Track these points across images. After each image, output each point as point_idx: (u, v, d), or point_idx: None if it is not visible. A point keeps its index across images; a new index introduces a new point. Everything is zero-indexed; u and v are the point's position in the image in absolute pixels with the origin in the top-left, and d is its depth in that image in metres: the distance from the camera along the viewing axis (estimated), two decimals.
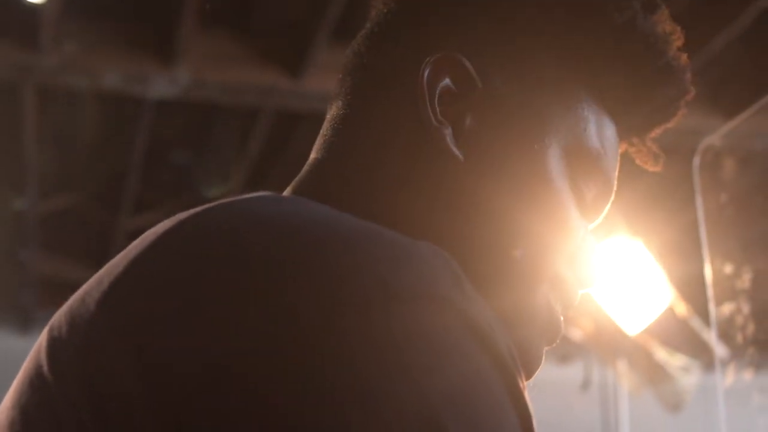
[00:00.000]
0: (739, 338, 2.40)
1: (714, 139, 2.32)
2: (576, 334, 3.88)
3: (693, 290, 3.72)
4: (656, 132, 0.96)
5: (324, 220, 0.70)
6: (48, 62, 3.61)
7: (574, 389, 4.40)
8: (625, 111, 0.92)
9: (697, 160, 2.26)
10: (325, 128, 0.89)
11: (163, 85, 3.73)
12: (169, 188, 4.78)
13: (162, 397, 0.62)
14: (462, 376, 0.64)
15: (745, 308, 2.36)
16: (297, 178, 0.88)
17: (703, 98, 4.00)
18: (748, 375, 2.85)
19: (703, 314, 3.73)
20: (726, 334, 2.44)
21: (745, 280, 2.38)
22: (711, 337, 3.62)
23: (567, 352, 7.25)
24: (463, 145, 0.84)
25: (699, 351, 3.83)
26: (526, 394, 0.68)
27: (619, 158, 0.93)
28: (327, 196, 0.81)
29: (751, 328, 2.36)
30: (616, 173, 0.92)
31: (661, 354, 3.84)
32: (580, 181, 0.87)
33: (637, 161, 0.97)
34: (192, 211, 0.73)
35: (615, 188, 0.92)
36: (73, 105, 4.13)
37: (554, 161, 0.85)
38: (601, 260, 0.89)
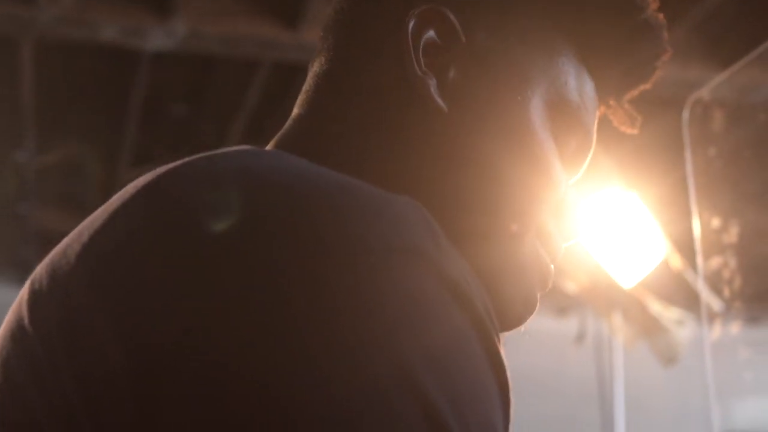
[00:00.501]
0: (726, 292, 2.41)
1: (703, 92, 2.32)
2: (571, 287, 3.90)
3: (687, 244, 3.75)
4: (633, 93, 0.97)
5: (302, 174, 0.69)
6: (46, 15, 3.60)
7: (568, 342, 4.43)
8: (604, 66, 0.93)
9: (686, 114, 2.27)
10: (308, 83, 0.90)
11: (161, 37, 3.73)
12: (167, 140, 4.78)
13: (140, 357, 0.62)
14: (436, 330, 0.64)
15: (732, 262, 2.37)
16: (280, 133, 0.88)
17: (702, 51, 4.00)
18: (735, 328, 2.86)
19: (719, 270, 3.76)
20: (715, 287, 2.46)
21: (733, 234, 2.39)
22: (701, 290, 3.65)
23: (562, 304, 7.28)
24: (447, 97, 0.84)
25: (693, 304, 3.85)
26: (502, 349, 0.68)
27: (597, 116, 0.94)
28: (309, 151, 0.81)
29: (738, 282, 2.37)
30: (595, 129, 0.93)
31: (656, 307, 3.86)
32: (560, 134, 0.88)
33: (615, 124, 0.99)
34: (171, 165, 0.73)
35: (594, 143, 0.93)
36: (71, 58, 4.13)
37: (536, 113, 0.86)
38: (583, 213, 0.91)
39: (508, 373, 0.69)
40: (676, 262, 3.78)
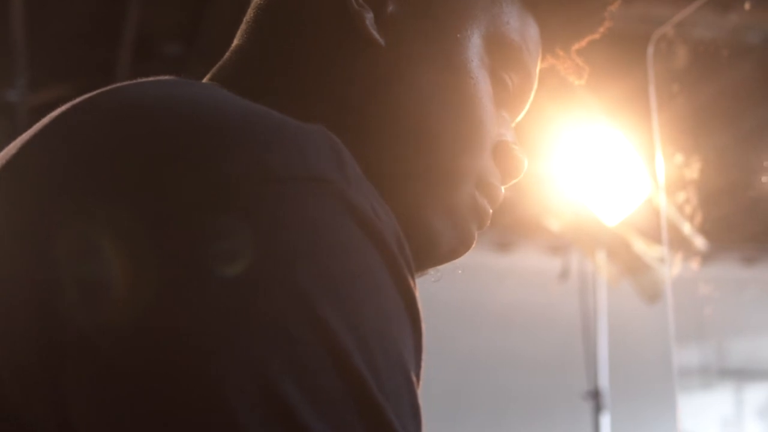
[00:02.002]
0: (687, 228, 2.44)
1: (667, 28, 2.33)
2: (555, 225, 3.93)
3: (670, 182, 3.77)
4: (581, 43, 0.98)
5: (210, 104, 0.69)
6: None
7: (553, 279, 4.47)
8: (550, 13, 0.94)
9: (650, 50, 2.27)
10: (248, 14, 0.90)
11: None
12: None
13: (52, 303, 0.62)
14: (340, 261, 0.64)
15: (694, 198, 2.39)
16: (218, 64, 0.89)
17: None
18: (694, 265, 2.89)
19: (681, 206, 3.79)
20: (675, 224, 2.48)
21: (694, 170, 2.41)
22: (687, 229, 3.69)
23: (547, 242, 7.31)
24: (385, 32, 0.85)
25: (677, 242, 3.89)
26: (410, 277, 0.68)
27: (539, 60, 0.95)
28: (241, 82, 0.83)
29: (698, 218, 2.40)
30: (537, 71, 0.94)
31: (640, 245, 3.89)
32: (501, 72, 0.89)
33: (562, 74, 1.00)
34: (86, 95, 0.74)
35: (535, 85, 0.94)
36: None
37: (474, 50, 0.87)
38: (520, 156, 0.92)
39: (420, 306, 0.68)
40: (660, 200, 3.81)
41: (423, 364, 0.70)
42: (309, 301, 0.61)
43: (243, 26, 0.90)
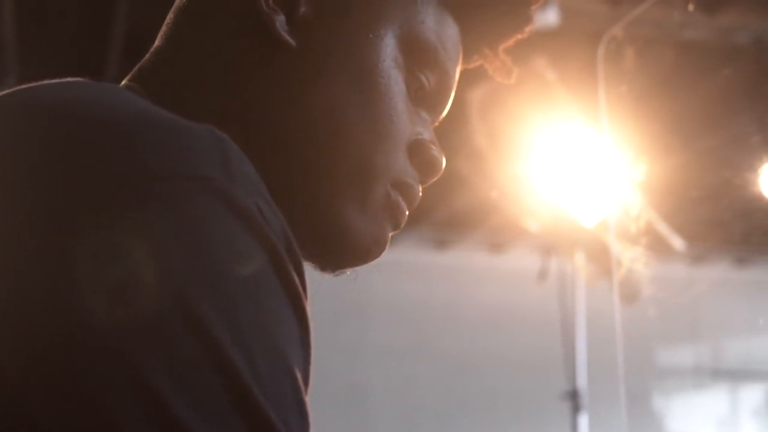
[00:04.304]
0: (633, 229, 2.45)
1: (617, 29, 2.34)
2: (533, 225, 3.94)
3: (649, 183, 3.79)
4: (508, 43, 0.98)
5: (109, 107, 0.70)
6: None
7: (531, 279, 4.48)
8: (471, 13, 0.94)
9: (601, 50, 2.28)
10: (168, 16, 0.90)
11: None
12: None
13: None
14: (216, 253, 0.64)
15: (640, 199, 2.40)
16: (137, 66, 0.89)
17: None
18: (681, 266, 2.91)
19: (659, 207, 3.80)
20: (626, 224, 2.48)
21: (640, 172, 2.41)
22: (665, 230, 3.71)
23: (526, 244, 7.31)
24: (296, 33, 0.85)
25: (655, 243, 3.90)
26: (297, 276, 0.68)
27: (459, 59, 0.95)
28: (154, 84, 0.84)
29: (686, 220, 2.41)
30: (456, 71, 0.94)
31: (618, 246, 3.90)
32: (417, 72, 0.90)
33: (490, 73, 1.00)
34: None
35: (454, 85, 0.95)
36: None
37: (388, 51, 0.87)
38: (437, 154, 0.92)
39: (307, 304, 0.69)
40: (638, 201, 3.82)
41: (311, 361, 0.70)
42: (185, 298, 0.61)
43: (163, 27, 0.91)
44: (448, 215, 8.10)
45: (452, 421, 9.03)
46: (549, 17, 4.04)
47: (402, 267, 8.90)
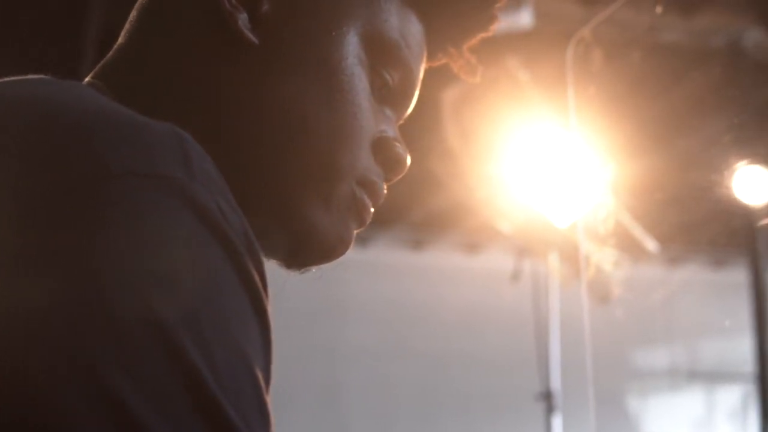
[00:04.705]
0: (606, 231, 2.46)
1: (585, 31, 2.34)
2: (507, 227, 3.95)
3: (622, 185, 3.80)
4: (472, 41, 0.98)
5: (70, 104, 0.70)
6: None
7: (506, 280, 4.49)
8: (435, 11, 0.94)
9: (570, 52, 2.29)
10: (132, 14, 0.90)
11: None
12: None
13: None
14: (175, 252, 0.63)
15: (613, 201, 2.42)
16: (100, 63, 0.89)
17: None
18: (656, 268, 2.93)
19: (632, 209, 3.82)
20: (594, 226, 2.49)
21: (614, 174, 2.43)
22: (638, 232, 3.72)
23: (501, 245, 7.32)
24: (259, 31, 0.85)
25: (628, 245, 3.92)
26: (257, 274, 0.68)
27: (423, 57, 0.95)
28: (115, 82, 0.84)
29: (617, 221, 2.43)
30: (420, 69, 0.95)
31: (592, 248, 3.91)
32: (381, 69, 0.90)
33: (455, 72, 1.00)
34: None
35: (418, 82, 0.95)
36: None
37: (351, 48, 0.87)
38: (401, 151, 0.93)
39: (268, 304, 0.68)
40: (611, 203, 3.84)
41: (272, 360, 0.69)
42: (142, 295, 0.61)
43: (126, 25, 0.90)
44: (424, 216, 8.11)
45: (427, 420, 9.03)
46: (523, 19, 4.05)
47: (378, 267, 8.90)
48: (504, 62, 3.65)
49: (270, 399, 0.67)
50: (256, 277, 0.68)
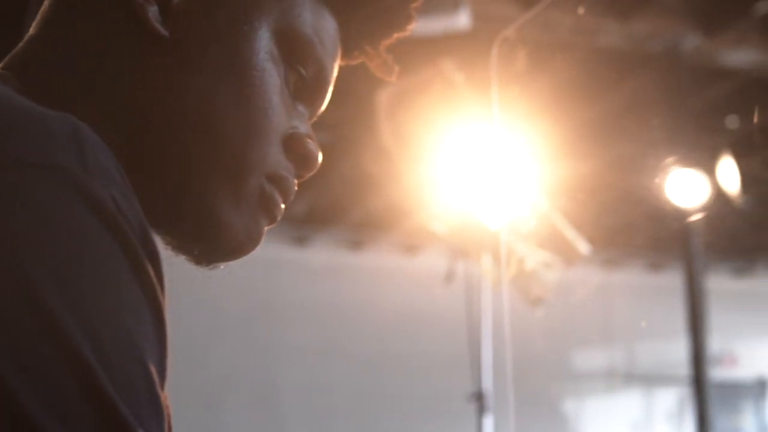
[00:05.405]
0: (539, 233, 2.48)
1: (509, 31, 2.36)
2: (440, 228, 3.95)
3: (556, 186, 3.82)
4: (389, 40, 0.99)
5: None
6: None
7: (438, 281, 4.51)
8: (349, 9, 0.94)
9: (494, 52, 2.30)
10: (44, 4, 0.89)
11: None
12: None
13: None
14: (65, 244, 0.63)
15: (547, 204, 2.44)
16: (11, 53, 0.88)
17: None
18: (591, 270, 2.96)
19: (568, 212, 3.84)
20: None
21: (551, 177, 2.45)
22: (571, 234, 3.73)
23: (427, 243, 7.34)
24: (170, 24, 0.85)
25: (561, 247, 3.94)
26: (153, 269, 0.68)
27: (338, 54, 0.95)
28: (22, 73, 0.83)
29: (551, 224, 2.45)
30: (334, 66, 0.95)
31: (525, 250, 3.93)
32: (294, 65, 0.90)
33: (372, 70, 1.00)
34: None
35: (332, 79, 0.95)
36: None
37: (263, 43, 0.87)
38: (312, 148, 0.92)
39: (161, 296, 0.68)
40: (545, 205, 3.86)
41: (167, 354, 0.69)
42: (32, 288, 0.60)
43: (38, 15, 0.89)
44: (362, 217, 8.12)
45: (363, 420, 9.04)
46: (460, 20, 4.06)
47: (316, 267, 8.90)
48: (439, 64, 3.65)
49: (165, 392, 0.67)
50: (151, 271, 0.67)
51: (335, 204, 7.93)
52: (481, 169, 3.61)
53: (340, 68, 0.98)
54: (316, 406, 8.94)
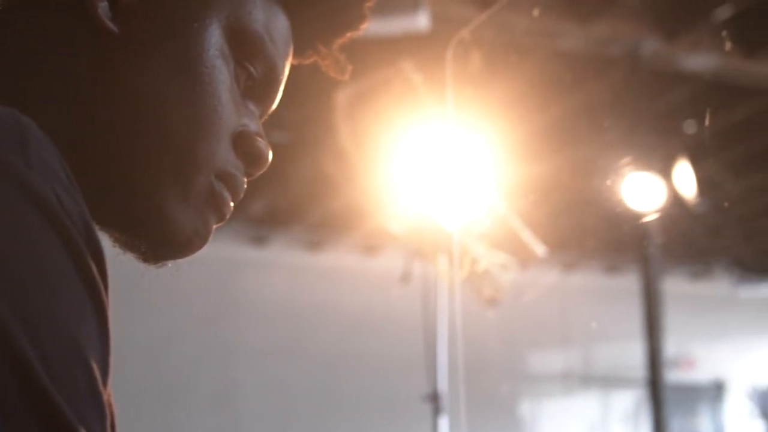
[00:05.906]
0: (528, 235, 2.49)
1: (465, 32, 2.37)
2: (396, 228, 3.96)
3: (514, 188, 3.84)
4: (342, 39, 0.99)
5: None
6: None
7: (394, 281, 4.51)
8: (302, 7, 0.94)
9: (449, 53, 2.31)
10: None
11: None
12: None
13: None
14: (8, 241, 0.62)
15: (504, 206, 2.45)
16: None
17: None
18: (550, 273, 2.97)
19: (524, 214, 3.85)
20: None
21: (509, 178, 2.47)
22: (527, 236, 3.75)
23: (386, 244, 7.35)
24: (120, 20, 0.84)
25: (517, 249, 3.95)
26: (94, 267, 0.67)
27: (290, 52, 0.95)
28: None
29: (506, 226, 2.46)
30: (285, 64, 0.94)
31: (480, 251, 3.94)
32: (245, 63, 0.90)
33: (325, 70, 1.00)
34: None
35: (283, 77, 0.95)
36: None
37: (213, 40, 0.87)
38: (262, 146, 0.92)
39: (105, 293, 0.67)
40: (502, 207, 3.88)
41: (111, 352, 0.68)
42: None
43: None
44: (321, 217, 8.11)
45: (321, 421, 9.04)
46: (419, 21, 4.06)
47: (275, 267, 8.88)
48: (398, 64, 3.65)
49: (109, 391, 0.67)
50: (95, 269, 0.66)
51: (294, 204, 7.91)
52: (438, 170, 3.62)
53: (300, 68, 0.99)
54: (274, 406, 8.92)
